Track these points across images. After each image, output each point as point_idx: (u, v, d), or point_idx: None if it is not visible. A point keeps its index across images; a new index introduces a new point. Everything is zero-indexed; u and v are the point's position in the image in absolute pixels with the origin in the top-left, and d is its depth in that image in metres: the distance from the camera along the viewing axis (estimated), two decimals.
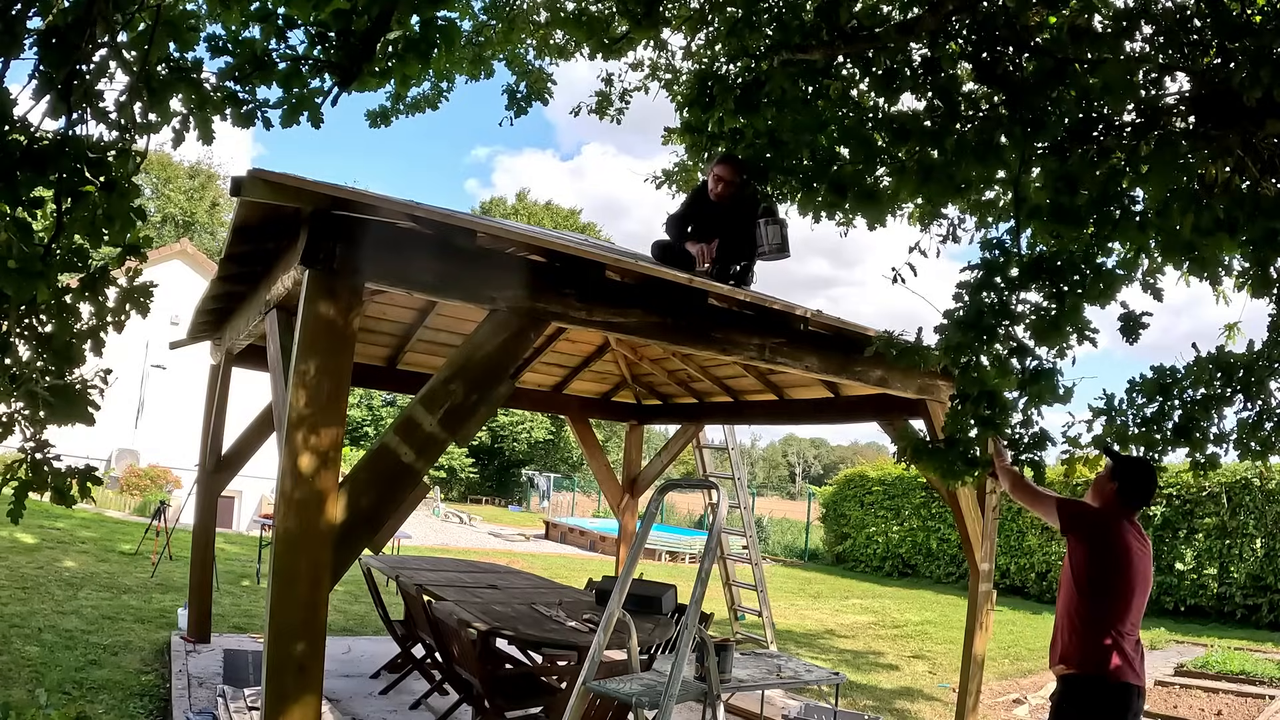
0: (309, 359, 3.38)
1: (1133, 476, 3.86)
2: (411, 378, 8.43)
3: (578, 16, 5.76)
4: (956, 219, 5.13)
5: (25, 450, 3.08)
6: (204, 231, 45.16)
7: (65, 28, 2.53)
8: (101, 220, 2.67)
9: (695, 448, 10.85)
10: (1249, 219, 3.02)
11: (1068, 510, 3.94)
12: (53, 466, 3.08)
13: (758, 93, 4.04)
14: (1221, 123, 3.05)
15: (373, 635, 8.74)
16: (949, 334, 3.06)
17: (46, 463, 3.08)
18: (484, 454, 44.35)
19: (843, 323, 4.98)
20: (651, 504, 4.52)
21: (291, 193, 3.27)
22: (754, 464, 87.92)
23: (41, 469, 3.06)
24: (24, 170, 2.49)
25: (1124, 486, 3.87)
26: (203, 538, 7.56)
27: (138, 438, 22.29)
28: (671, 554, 22.12)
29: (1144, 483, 3.90)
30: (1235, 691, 8.99)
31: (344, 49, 2.99)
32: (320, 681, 3.38)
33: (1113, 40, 3.19)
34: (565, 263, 4.06)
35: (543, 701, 5.44)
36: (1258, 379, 3.27)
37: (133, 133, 2.78)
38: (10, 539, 11.52)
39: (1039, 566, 17.56)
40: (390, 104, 6.73)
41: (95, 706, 5.66)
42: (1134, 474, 3.86)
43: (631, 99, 7.85)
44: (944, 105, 3.61)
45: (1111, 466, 3.89)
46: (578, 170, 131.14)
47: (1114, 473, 3.88)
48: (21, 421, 3.04)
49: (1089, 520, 3.90)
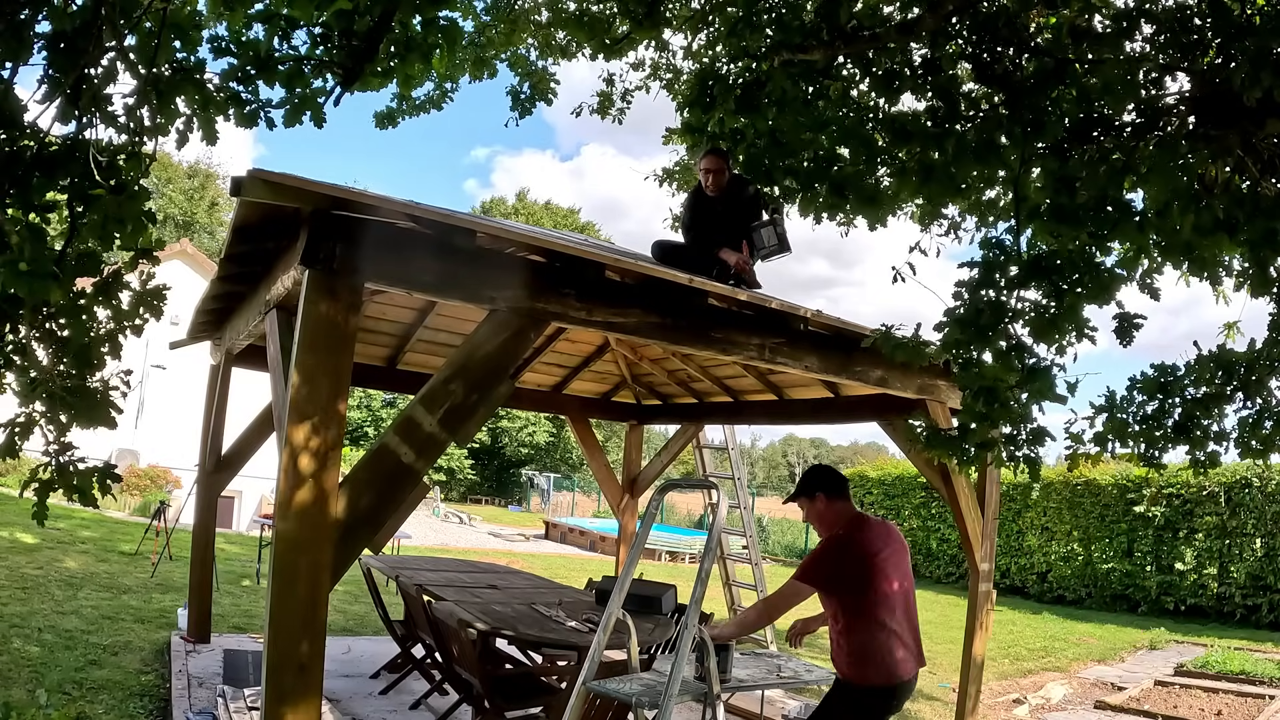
0: (309, 359, 3.38)
1: (819, 480, 4.22)
2: (411, 378, 8.43)
3: (579, 17, 5.76)
4: (957, 219, 5.14)
5: (49, 453, 3.10)
6: (203, 231, 45.19)
7: (73, 32, 2.53)
8: (113, 224, 2.68)
9: (695, 448, 10.85)
10: (1249, 219, 3.02)
11: (821, 575, 4.06)
12: (77, 468, 3.10)
13: (758, 93, 4.04)
14: (1221, 123, 3.05)
15: (373, 635, 8.74)
16: (948, 331, 3.07)
17: (71, 464, 3.10)
18: (484, 454, 44.34)
19: (842, 323, 4.98)
20: (651, 504, 4.52)
21: (291, 193, 3.27)
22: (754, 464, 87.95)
23: (67, 471, 3.08)
24: (35, 175, 2.49)
25: (827, 492, 4.18)
26: (203, 538, 7.56)
27: (138, 438, 22.26)
28: (671, 554, 22.13)
29: (827, 474, 4.26)
30: (1235, 691, 8.99)
31: (346, 49, 2.99)
32: (320, 681, 3.38)
33: (1113, 40, 3.19)
34: (565, 262, 4.06)
35: (542, 701, 5.44)
36: (1258, 377, 3.27)
37: (142, 135, 2.79)
38: (11, 539, 11.53)
39: (1039, 566, 17.56)
40: (396, 105, 6.73)
41: (95, 706, 5.66)
42: (818, 478, 4.24)
43: (633, 99, 7.87)
44: (944, 105, 3.61)
45: (800, 491, 4.25)
46: (577, 171, 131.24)
47: (810, 492, 4.21)
48: (43, 424, 3.06)
49: (835, 563, 4.05)
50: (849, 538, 4.06)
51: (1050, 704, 8.65)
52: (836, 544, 4.07)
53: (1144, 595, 15.72)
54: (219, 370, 7.43)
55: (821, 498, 4.15)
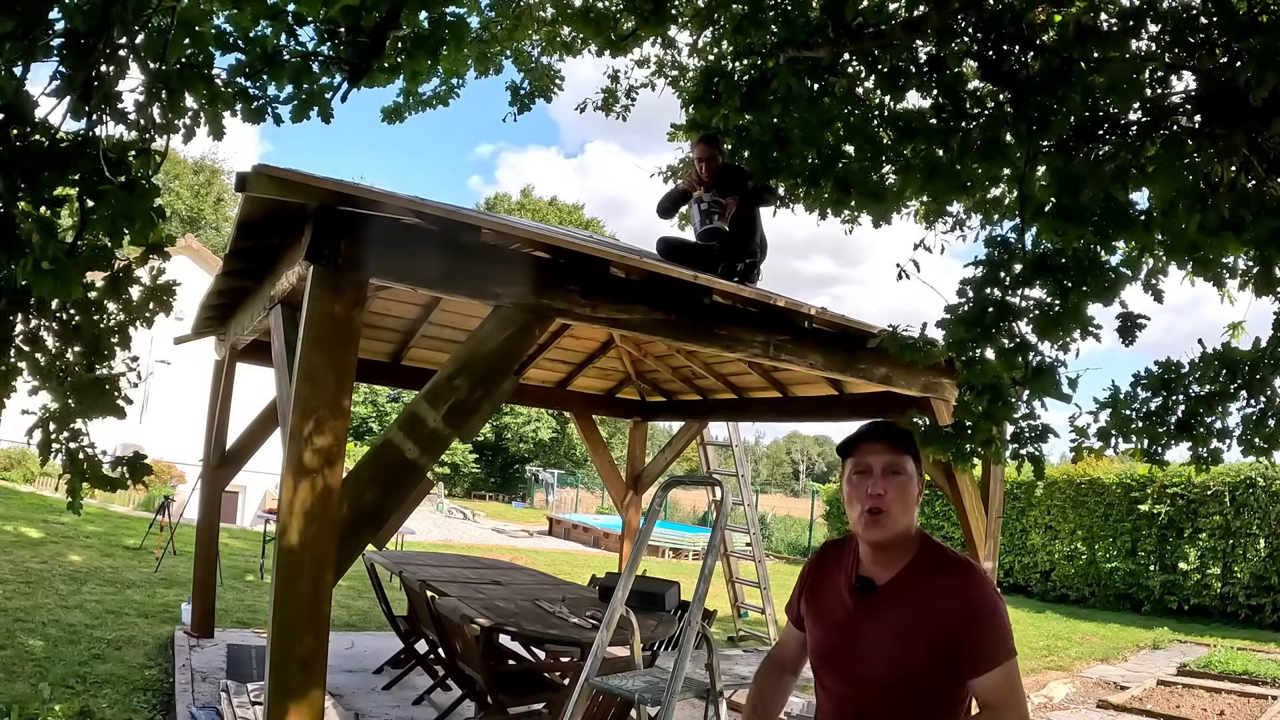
0: (313, 354, 3.39)
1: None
2: (416, 373, 8.45)
3: (585, 13, 5.76)
4: (961, 216, 5.13)
5: (60, 441, 3.13)
6: (209, 227, 45.24)
7: (85, 30, 2.55)
8: (122, 220, 2.69)
9: (699, 445, 10.87)
10: (1254, 218, 3.02)
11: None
12: (88, 455, 3.13)
13: (764, 90, 4.04)
14: (1227, 122, 3.05)
15: (376, 631, 8.76)
16: (952, 329, 3.07)
17: (82, 450, 3.13)
18: (488, 450, 44.38)
19: (847, 320, 4.98)
20: (655, 501, 4.53)
21: (296, 188, 3.27)
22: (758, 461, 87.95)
23: (94, 460, 3.12)
24: (46, 171, 2.51)
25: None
26: (206, 533, 7.59)
27: (142, 433, 22.31)
28: (675, 551, 22.14)
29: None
30: (1238, 691, 8.98)
31: (353, 45, 3.00)
32: (323, 676, 3.38)
33: (1119, 39, 3.19)
34: (569, 259, 4.07)
35: (545, 697, 5.45)
36: (1262, 376, 3.27)
37: (152, 132, 2.80)
38: (15, 533, 11.56)
39: (1042, 565, 17.54)
40: (403, 100, 6.74)
41: (99, 701, 5.67)
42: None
43: (638, 95, 7.86)
44: (949, 103, 3.61)
45: (903, 440, 2.34)
46: (581, 168, 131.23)
47: (916, 452, 2.40)
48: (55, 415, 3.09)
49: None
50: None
51: (1053, 703, 8.65)
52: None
53: (1147, 595, 15.70)
54: (223, 365, 7.44)
55: (922, 480, 2.39)
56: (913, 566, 2.24)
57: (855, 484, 2.29)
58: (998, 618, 2.14)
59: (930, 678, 2.13)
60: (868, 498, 2.24)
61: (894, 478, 2.25)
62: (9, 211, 2.50)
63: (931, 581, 2.19)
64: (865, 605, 2.25)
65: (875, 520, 2.22)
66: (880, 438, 2.31)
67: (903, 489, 2.24)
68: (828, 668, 2.32)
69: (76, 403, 3.05)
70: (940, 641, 2.11)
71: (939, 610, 2.14)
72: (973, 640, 2.10)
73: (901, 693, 2.16)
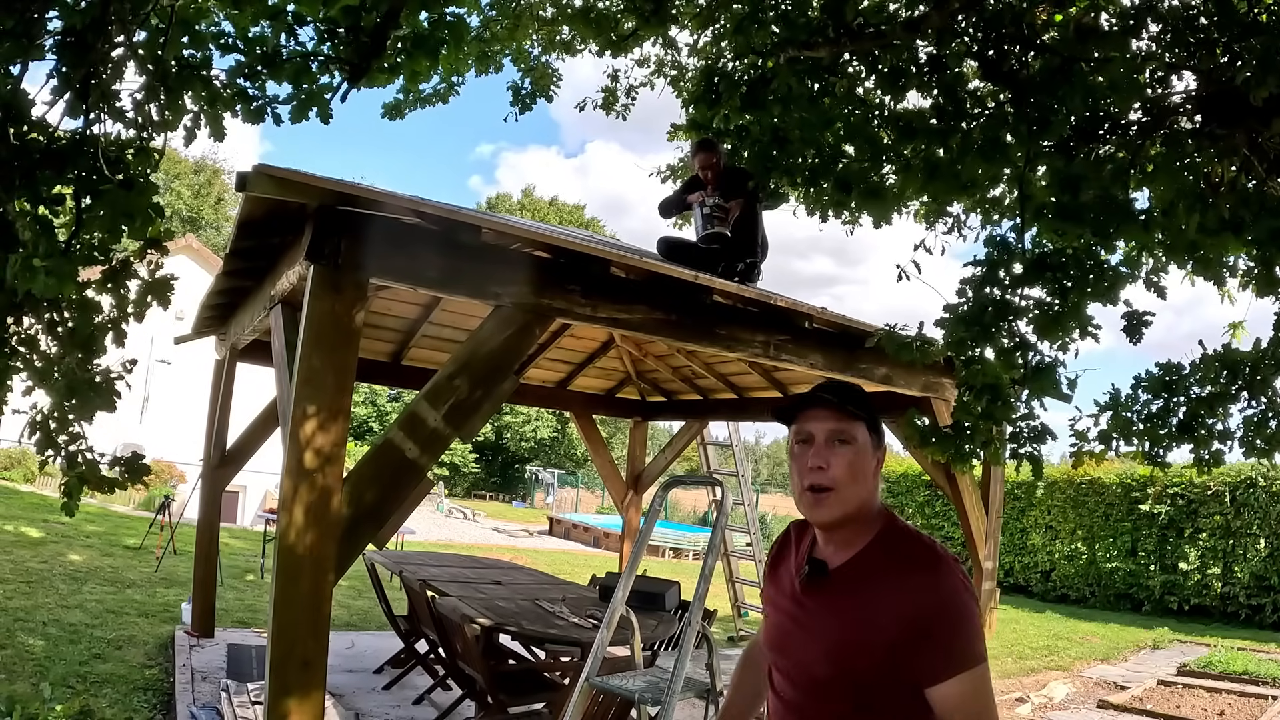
0: (314, 354, 3.39)
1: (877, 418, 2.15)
2: (416, 373, 8.45)
3: (585, 13, 5.76)
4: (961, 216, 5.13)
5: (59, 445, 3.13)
6: (209, 227, 45.22)
7: (83, 28, 2.55)
8: (121, 217, 2.70)
9: (699, 444, 10.86)
10: (1255, 218, 3.02)
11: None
12: (86, 457, 3.13)
13: (764, 90, 4.04)
14: (1228, 122, 3.05)
15: (376, 630, 8.76)
16: (951, 328, 3.07)
17: (80, 454, 3.13)
18: (488, 450, 44.37)
19: (847, 320, 4.98)
20: (655, 500, 4.53)
21: (296, 188, 3.27)
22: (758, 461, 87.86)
23: (92, 463, 3.12)
24: (44, 169, 2.51)
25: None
26: (207, 532, 7.58)
27: (142, 432, 22.32)
28: (675, 550, 22.13)
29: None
30: (1238, 691, 8.98)
31: (353, 45, 3.00)
32: (324, 676, 3.39)
33: (1119, 39, 3.19)
34: (570, 259, 4.07)
35: (545, 697, 5.45)
36: (1263, 377, 3.26)
37: (150, 131, 2.80)
38: (16, 533, 11.56)
39: (1043, 565, 17.53)
40: (403, 97, 6.77)
41: (99, 700, 5.68)
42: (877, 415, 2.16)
43: (638, 95, 7.87)
44: (950, 103, 3.61)
45: (862, 409, 2.02)
46: (582, 168, 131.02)
47: (879, 429, 2.09)
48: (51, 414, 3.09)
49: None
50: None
51: (1053, 703, 8.64)
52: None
53: (1147, 595, 15.70)
54: (224, 365, 7.44)
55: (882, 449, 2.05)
56: (873, 549, 1.89)
57: (797, 456, 1.95)
58: (966, 616, 1.77)
59: (880, 682, 1.79)
60: (808, 472, 1.90)
61: (841, 448, 1.90)
62: (6, 210, 2.50)
63: (892, 567, 1.84)
64: (814, 592, 1.92)
65: (819, 499, 1.89)
66: (823, 403, 1.95)
67: (851, 461, 1.89)
68: (775, 665, 2.02)
69: (70, 402, 3.04)
70: (895, 639, 1.75)
71: (896, 601, 1.78)
72: (932, 641, 1.74)
73: (843, 703, 1.84)
